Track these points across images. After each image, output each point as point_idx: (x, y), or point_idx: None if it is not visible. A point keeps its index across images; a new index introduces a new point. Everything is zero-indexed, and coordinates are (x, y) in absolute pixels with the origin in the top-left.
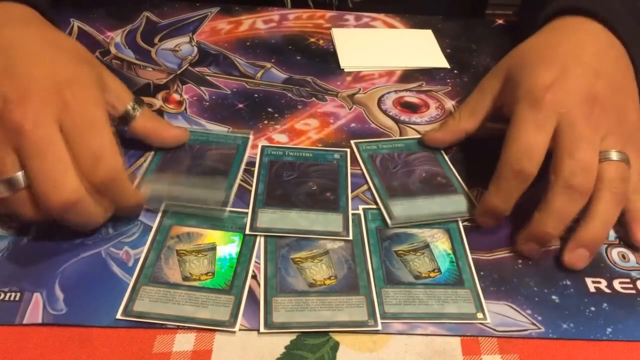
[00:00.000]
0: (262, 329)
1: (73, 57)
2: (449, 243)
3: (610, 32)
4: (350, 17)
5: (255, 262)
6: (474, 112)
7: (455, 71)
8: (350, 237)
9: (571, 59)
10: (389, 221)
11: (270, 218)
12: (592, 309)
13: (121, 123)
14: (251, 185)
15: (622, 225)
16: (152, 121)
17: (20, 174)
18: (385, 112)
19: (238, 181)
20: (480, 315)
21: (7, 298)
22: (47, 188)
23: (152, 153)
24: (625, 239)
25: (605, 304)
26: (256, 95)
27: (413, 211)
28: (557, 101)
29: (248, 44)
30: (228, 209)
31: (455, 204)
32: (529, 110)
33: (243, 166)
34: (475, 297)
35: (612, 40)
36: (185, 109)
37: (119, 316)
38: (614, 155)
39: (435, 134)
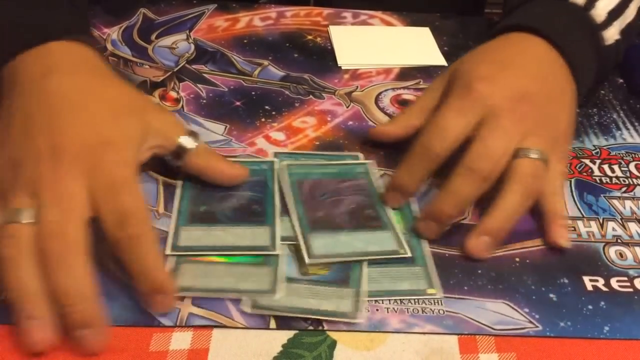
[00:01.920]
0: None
1: (116, 111)
2: (402, 224)
3: (556, 51)
4: (348, 14)
5: None
6: (423, 109)
7: None
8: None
9: (512, 61)
10: (306, 259)
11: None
12: (590, 307)
13: (174, 159)
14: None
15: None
16: (206, 159)
17: (24, 209)
18: (382, 110)
19: (279, 221)
20: (431, 290)
21: (3, 297)
22: (50, 229)
23: (179, 185)
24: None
25: (602, 303)
26: (253, 93)
27: (334, 248)
28: (485, 93)
29: (245, 41)
30: (277, 252)
31: (380, 241)
32: (456, 98)
33: (277, 198)
34: (425, 274)
35: (556, 58)
36: (182, 106)
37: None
38: (532, 153)
39: (386, 127)
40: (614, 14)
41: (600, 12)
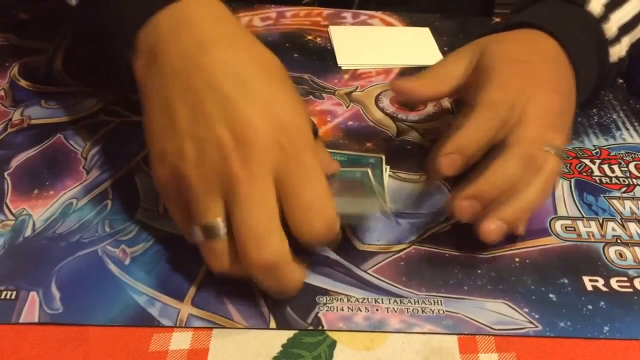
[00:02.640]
0: None
1: (280, 85)
2: None
3: (565, 57)
4: (348, 14)
5: None
6: (450, 77)
7: None
8: None
9: (542, 69)
10: None
11: None
12: (590, 307)
13: None
14: None
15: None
16: None
17: (219, 221)
18: (382, 110)
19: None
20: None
21: (3, 297)
22: (250, 244)
23: None
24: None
25: (602, 303)
26: None
27: None
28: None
29: None
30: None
31: (364, 206)
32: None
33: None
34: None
35: (568, 63)
36: None
37: None
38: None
39: (414, 83)
40: (626, 28)
41: (612, 25)
